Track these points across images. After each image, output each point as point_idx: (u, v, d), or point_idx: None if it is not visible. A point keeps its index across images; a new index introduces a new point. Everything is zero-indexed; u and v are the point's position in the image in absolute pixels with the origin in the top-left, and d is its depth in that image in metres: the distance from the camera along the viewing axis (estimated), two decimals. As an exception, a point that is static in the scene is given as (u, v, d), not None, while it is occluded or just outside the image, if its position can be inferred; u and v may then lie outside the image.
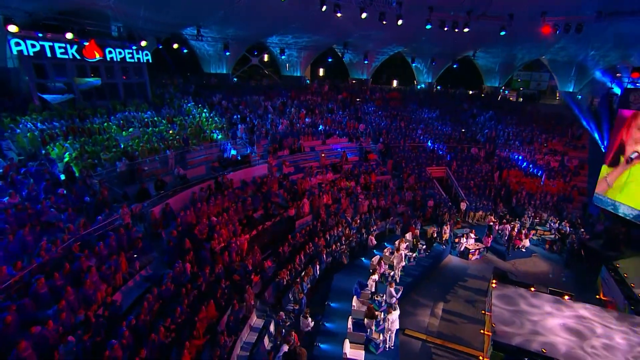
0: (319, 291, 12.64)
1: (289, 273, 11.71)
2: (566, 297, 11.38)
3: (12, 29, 14.12)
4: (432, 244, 15.62)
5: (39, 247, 8.40)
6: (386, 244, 15.74)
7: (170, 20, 20.98)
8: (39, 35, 16.11)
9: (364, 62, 32.78)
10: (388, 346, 9.54)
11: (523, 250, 16.49)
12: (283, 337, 8.99)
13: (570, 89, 30.85)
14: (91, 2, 17.05)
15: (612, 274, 13.06)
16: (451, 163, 23.38)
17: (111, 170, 13.61)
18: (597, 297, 13.29)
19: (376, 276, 11.57)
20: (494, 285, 11.89)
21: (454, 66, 34.83)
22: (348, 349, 9.02)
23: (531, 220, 18.64)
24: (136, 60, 19.95)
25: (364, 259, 14.57)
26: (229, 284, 10.29)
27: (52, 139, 14.27)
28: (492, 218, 17.94)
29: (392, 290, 10.69)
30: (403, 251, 13.36)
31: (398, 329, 9.89)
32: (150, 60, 20.74)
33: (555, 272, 15.19)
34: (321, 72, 44.98)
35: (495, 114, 29.65)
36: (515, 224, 17.28)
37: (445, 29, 20.06)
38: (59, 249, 8.57)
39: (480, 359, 10.11)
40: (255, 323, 10.25)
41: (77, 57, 17.49)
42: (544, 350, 9.07)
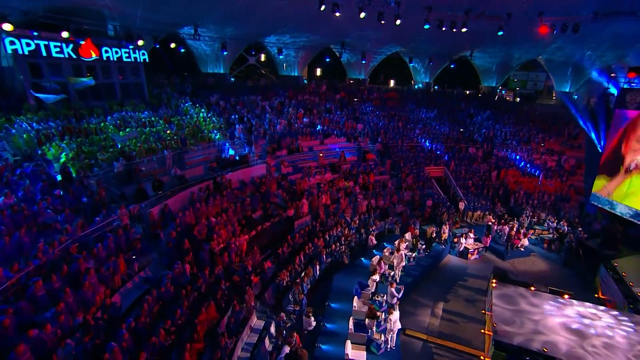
0: (319, 292, 12.59)
1: (288, 274, 11.65)
2: (566, 296, 11.42)
3: (6, 27, 13.90)
4: (431, 243, 15.62)
5: (36, 249, 8.27)
6: (385, 244, 15.72)
7: (167, 20, 20.82)
8: (34, 34, 15.89)
9: (362, 62, 32.75)
10: (390, 346, 9.51)
11: (522, 249, 16.54)
12: (284, 338, 8.92)
13: (567, 89, 31.04)
14: (88, 1, 16.88)
15: (610, 273, 13.14)
16: (449, 163, 23.42)
17: (108, 170, 13.46)
18: (596, 295, 13.36)
19: (377, 276, 11.53)
20: (494, 284, 11.90)
21: (452, 66, 34.92)
22: (349, 350, 8.97)
23: (529, 219, 18.71)
24: (133, 59, 19.76)
25: (363, 259, 14.54)
26: (228, 285, 10.20)
27: (48, 139, 14.07)
28: (490, 218, 17.97)
29: (393, 290, 10.65)
30: (403, 251, 13.33)
31: (400, 329, 9.85)
32: (147, 60, 20.56)
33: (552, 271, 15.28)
34: (318, 72, 44.93)
35: (493, 113, 29.78)
36: (513, 223, 17.32)
37: (443, 28, 20.06)
38: (56, 250, 8.43)
39: (482, 358, 10.10)
40: (255, 324, 10.17)
41: (73, 56, 17.28)
42: (545, 350, 9.08)
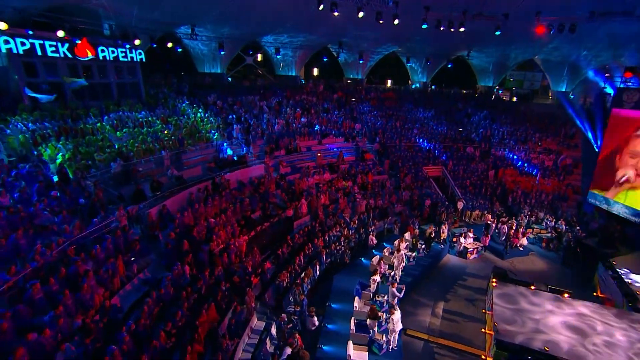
0: (319, 292, 12.53)
1: (288, 274, 11.58)
2: (566, 295, 11.45)
3: (1, 26, 13.73)
4: (430, 243, 15.61)
5: (33, 251, 8.14)
6: (385, 243, 15.70)
7: (164, 19, 20.66)
8: (29, 33, 15.69)
9: (359, 62, 32.74)
10: (391, 347, 9.47)
11: (521, 248, 16.58)
12: (286, 340, 8.85)
13: (563, 89, 31.26)
14: (83, 0, 16.69)
15: (609, 272, 13.19)
16: (447, 162, 23.46)
17: (105, 171, 13.32)
18: (595, 294, 13.41)
19: (377, 277, 11.49)
20: (494, 284, 11.91)
21: (449, 66, 35.02)
22: (351, 351, 8.92)
23: (527, 219, 18.77)
24: (129, 59, 19.60)
25: (363, 259, 14.50)
26: (228, 286, 10.12)
27: (44, 139, 13.90)
28: (489, 217, 18.00)
29: (395, 290, 10.62)
30: (403, 251, 13.31)
31: (401, 329, 9.82)
32: (143, 60, 20.39)
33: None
34: (315, 71, 44.89)
35: (490, 113, 29.89)
36: (512, 222, 17.37)
37: (441, 28, 20.09)
38: (54, 252, 8.31)
39: (483, 358, 10.09)
40: (256, 325, 10.10)
41: (69, 55, 17.10)
42: (546, 349, 9.09)
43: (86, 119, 16.62)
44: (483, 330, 11.13)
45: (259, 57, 36.03)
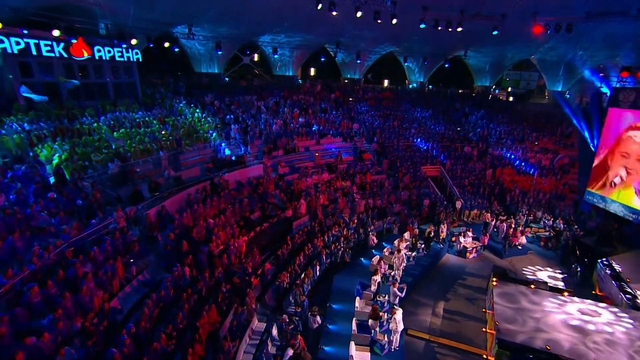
0: (319, 292, 12.46)
1: (288, 275, 11.51)
2: (565, 294, 11.49)
3: (-5, 25, 13.57)
4: (430, 242, 15.61)
5: (30, 254, 8.01)
6: (384, 243, 15.69)
7: (160, 19, 20.47)
8: (24, 32, 15.49)
9: (357, 62, 32.72)
10: (394, 347, 9.43)
11: (519, 247, 16.63)
12: (288, 341, 8.78)
13: (559, 88, 31.45)
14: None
15: (607, 270, 13.26)
16: (445, 162, 23.50)
17: (102, 172, 13.17)
18: (593, 292, 13.47)
19: (378, 277, 11.45)
20: (494, 283, 11.92)
21: (446, 65, 35.10)
22: (353, 351, 8.87)
23: (525, 218, 18.84)
24: (126, 59, 19.42)
25: (363, 259, 14.48)
26: (229, 287, 10.03)
27: (39, 140, 13.71)
28: (488, 216, 18.04)
29: (396, 289, 10.60)
30: (404, 251, 13.29)
31: (403, 329, 9.78)
32: (140, 59, 20.21)
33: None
34: (312, 71, 44.80)
35: (487, 113, 30.00)
36: (511, 221, 17.43)
37: (439, 28, 20.11)
38: (51, 254, 8.18)
39: (484, 357, 10.09)
40: (256, 327, 10.02)
41: (64, 55, 16.91)
42: (548, 347, 9.10)
43: (82, 119, 16.44)
44: (484, 329, 11.14)
45: (256, 57, 35.89)
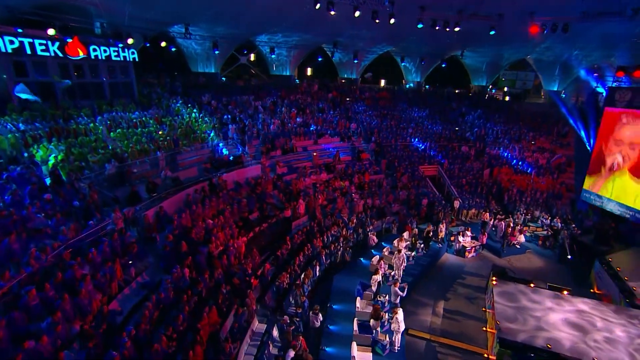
0: (319, 293, 12.41)
1: (288, 276, 11.44)
2: (565, 292, 11.53)
3: (-11, 24, 13.37)
4: (429, 241, 15.62)
5: (27, 256, 7.88)
6: (383, 243, 15.69)
7: (157, 18, 20.32)
8: (19, 31, 15.28)
9: (354, 62, 32.70)
10: (396, 348, 9.39)
11: (518, 246, 16.69)
12: (289, 342, 8.72)
13: (555, 88, 31.66)
14: (74, -2, 16.37)
15: (605, 268, 13.33)
16: (443, 161, 23.55)
17: (99, 172, 13.02)
18: (592, 291, 13.54)
19: (379, 276, 11.43)
20: (494, 282, 11.93)
21: (443, 65, 35.19)
22: (355, 352, 8.83)
23: (523, 217, 18.92)
24: (122, 58, 19.23)
25: (362, 259, 14.45)
26: (229, 288, 9.95)
27: (35, 140, 13.53)
28: (486, 215, 18.09)
29: (397, 289, 10.58)
30: (404, 251, 13.28)
31: (404, 329, 9.76)
32: (136, 59, 20.03)
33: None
34: (309, 71, 44.73)
35: (483, 112, 30.11)
36: (509, 220, 17.50)
37: (436, 28, 20.14)
38: (49, 257, 8.06)
39: (486, 356, 10.10)
40: (257, 328, 9.95)
41: (60, 54, 16.70)
42: (549, 346, 9.12)
43: (78, 119, 16.25)
44: (484, 328, 11.15)
45: (252, 56, 35.76)
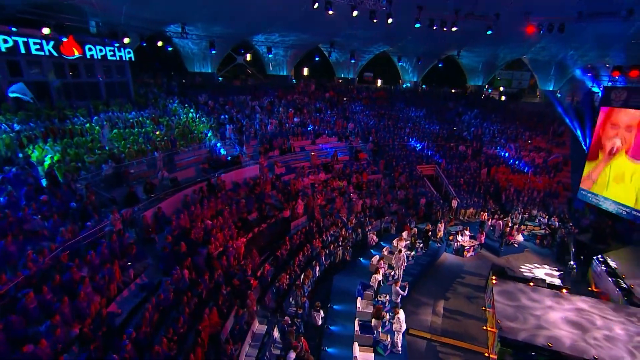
0: (319, 293, 12.36)
1: (288, 277, 11.38)
2: (564, 291, 11.58)
3: (-18, 23, 13.16)
4: (428, 241, 15.64)
5: (24, 258, 7.75)
6: (382, 243, 15.68)
7: (153, 17, 20.16)
8: (13, 30, 15.07)
9: (351, 62, 32.68)
10: (398, 350, 9.35)
11: (516, 245, 16.75)
12: (290, 343, 8.66)
13: (551, 87, 31.88)
14: (69, -3, 16.17)
15: (603, 267, 13.42)
16: (440, 161, 23.61)
17: (96, 173, 12.87)
18: (589, 289, 13.63)
19: (380, 276, 11.40)
20: (494, 281, 11.96)
21: (439, 65, 35.29)
22: (357, 352, 8.80)
23: (521, 216, 19.00)
24: (118, 58, 19.05)
25: (362, 259, 14.43)
26: (229, 289, 9.87)
27: (30, 141, 13.34)
28: (484, 215, 18.15)
29: (399, 288, 10.56)
30: (404, 250, 13.28)
31: (406, 329, 9.74)
32: (132, 59, 19.85)
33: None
34: (305, 71, 44.66)
35: (480, 112, 30.25)
36: (507, 220, 17.57)
37: (434, 27, 20.18)
38: (46, 259, 7.93)
39: (486, 355, 10.11)
40: (257, 329, 9.87)
41: (54, 54, 16.50)
42: (550, 345, 9.14)
43: (74, 119, 16.06)
44: (485, 327, 11.17)
45: (248, 56, 35.60)
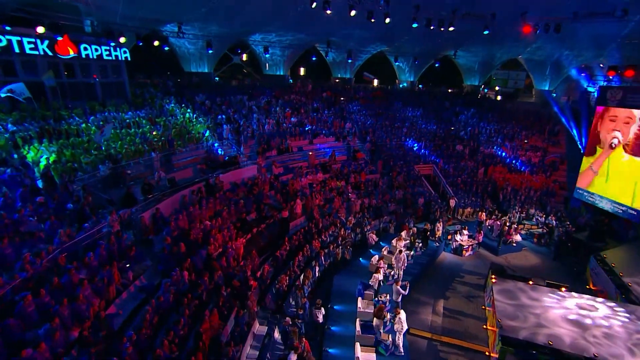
0: (319, 294, 12.28)
1: (287, 278, 11.32)
2: (563, 289, 11.64)
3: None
4: (427, 240, 15.65)
5: (21, 261, 7.62)
6: (381, 242, 15.67)
7: (149, 16, 19.97)
8: (6, 29, 14.84)
9: (348, 61, 32.65)
10: (400, 351, 9.32)
11: (514, 244, 16.83)
12: (292, 344, 8.60)
13: (546, 87, 32.08)
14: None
15: (600, 265, 13.51)
16: (437, 161, 23.67)
17: (92, 174, 12.72)
18: (587, 287, 13.72)
19: (380, 275, 11.38)
20: (494, 280, 11.99)
21: (436, 65, 35.38)
22: (359, 352, 8.76)
23: (518, 215, 19.08)
24: (114, 57, 18.83)
25: (361, 259, 14.41)
26: (229, 290, 9.79)
27: (25, 141, 13.14)
28: (483, 214, 18.22)
29: (399, 287, 10.55)
30: (404, 250, 13.27)
31: (407, 329, 9.72)
32: (129, 58, 19.64)
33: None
34: (302, 71, 44.58)
35: (476, 111, 30.37)
36: (505, 219, 17.64)
37: (431, 27, 20.22)
38: (44, 261, 7.80)
39: (487, 354, 10.13)
40: (258, 330, 9.81)
41: (49, 53, 16.28)
42: (550, 343, 9.18)
43: (69, 119, 15.86)
44: (485, 326, 11.19)
45: (244, 56, 35.43)
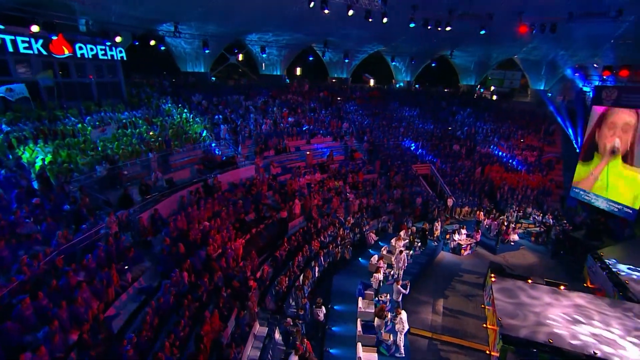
0: (319, 294, 12.22)
1: (287, 278, 11.27)
2: (562, 287, 11.70)
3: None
4: (426, 239, 15.68)
5: (18, 263, 7.49)
6: (380, 242, 15.67)
7: (145, 16, 19.78)
8: (0, 28, 14.63)
9: (345, 61, 32.64)
10: (400, 353, 9.30)
11: (512, 243, 16.91)
12: (292, 345, 8.57)
13: (542, 87, 32.31)
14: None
15: (598, 263, 13.61)
16: (435, 160, 23.73)
17: (89, 175, 12.57)
18: (585, 285, 13.81)
19: (380, 275, 11.37)
20: (493, 279, 12.02)
21: (432, 65, 35.49)
22: (361, 352, 8.74)
23: (516, 214, 19.18)
24: (109, 57, 18.65)
25: (361, 259, 14.40)
26: (229, 291, 9.71)
27: (20, 142, 12.96)
28: (480, 214, 18.29)
29: (400, 287, 10.54)
30: (403, 249, 13.28)
31: (408, 329, 9.72)
32: (124, 58, 19.46)
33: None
34: (298, 71, 44.49)
35: (473, 111, 30.52)
36: (503, 219, 17.72)
37: (428, 27, 20.26)
38: (41, 263, 7.68)
39: (488, 352, 10.15)
40: (258, 331, 9.74)
41: (43, 52, 16.07)
42: (550, 341, 9.22)
43: (65, 120, 15.67)
44: (485, 325, 11.21)
45: (240, 56, 35.28)
